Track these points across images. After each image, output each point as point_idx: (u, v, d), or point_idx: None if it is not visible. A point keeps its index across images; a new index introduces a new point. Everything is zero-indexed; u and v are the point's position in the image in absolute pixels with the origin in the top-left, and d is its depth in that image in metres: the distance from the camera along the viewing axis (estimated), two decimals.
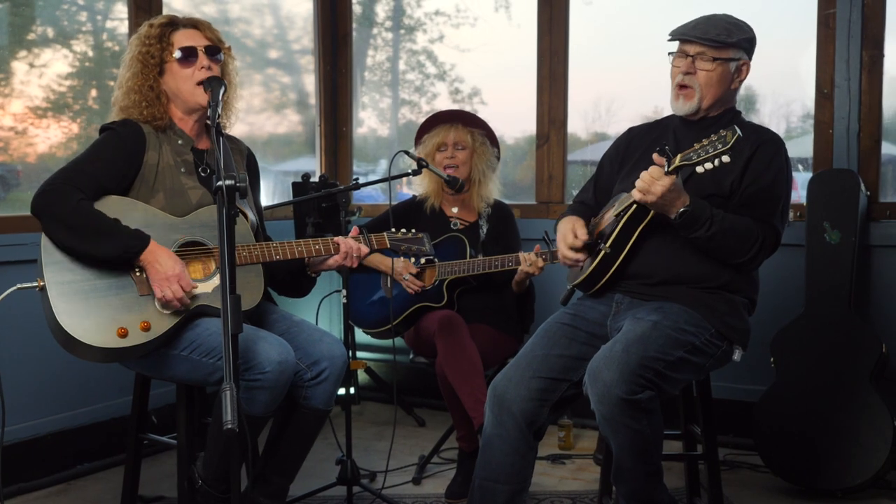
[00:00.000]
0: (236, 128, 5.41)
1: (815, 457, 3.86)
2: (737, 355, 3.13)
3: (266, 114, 5.78)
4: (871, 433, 3.79)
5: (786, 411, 3.95)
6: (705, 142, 2.82)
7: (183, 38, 3.12)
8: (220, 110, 2.80)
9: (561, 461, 4.37)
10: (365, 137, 6.06)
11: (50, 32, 4.48)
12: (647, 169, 2.97)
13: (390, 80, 6.05)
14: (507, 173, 5.64)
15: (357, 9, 5.96)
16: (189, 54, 3.09)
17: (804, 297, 4.08)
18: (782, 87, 4.80)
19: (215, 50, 3.15)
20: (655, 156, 2.93)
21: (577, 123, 5.31)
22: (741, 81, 3.22)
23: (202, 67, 3.09)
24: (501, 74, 5.58)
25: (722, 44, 3.10)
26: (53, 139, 4.48)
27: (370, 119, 6.11)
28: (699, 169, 2.84)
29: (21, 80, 4.32)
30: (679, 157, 2.86)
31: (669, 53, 3.23)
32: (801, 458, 3.89)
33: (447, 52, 5.81)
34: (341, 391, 3.83)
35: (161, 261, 2.88)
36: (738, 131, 2.76)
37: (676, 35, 3.19)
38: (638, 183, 2.93)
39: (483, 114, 5.63)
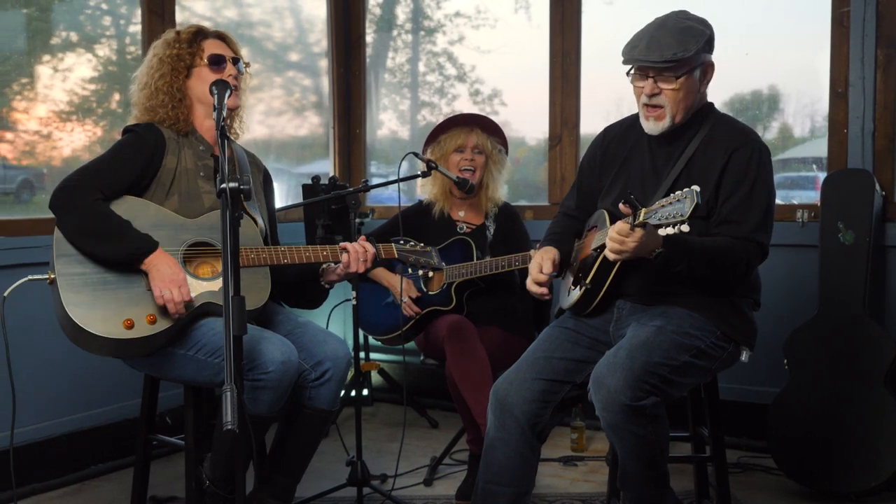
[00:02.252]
0: (256, 130, 5.50)
1: (829, 459, 3.83)
2: (744, 356, 3.10)
3: (286, 116, 5.81)
4: (885, 435, 3.75)
5: (799, 413, 3.92)
6: (665, 202, 2.66)
7: (213, 46, 3.25)
8: (225, 113, 2.83)
9: (573, 463, 4.36)
10: (385, 139, 6.07)
11: (73, 37, 4.53)
12: (624, 188, 2.94)
13: (410, 82, 6.06)
14: (528, 175, 5.64)
15: (377, 11, 5.98)
16: (219, 61, 3.23)
17: (818, 299, 4.04)
18: (806, 87, 4.75)
19: (237, 61, 3.28)
20: (622, 205, 2.79)
21: (600, 124, 5.26)
22: (708, 82, 3.10)
23: (230, 75, 3.21)
24: (521, 75, 5.57)
25: (680, 61, 2.95)
26: (77, 143, 4.54)
27: (390, 121, 6.13)
28: (660, 231, 2.70)
29: (45, 84, 4.38)
30: (643, 212, 2.71)
31: (628, 73, 3.07)
32: (814, 461, 3.86)
33: (467, 54, 5.81)
34: (352, 392, 3.85)
35: (165, 265, 2.93)
36: (697, 198, 2.57)
37: (630, 61, 3.03)
38: (609, 244, 2.81)
39: (503, 115, 5.67)
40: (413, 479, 4.14)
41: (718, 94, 3.17)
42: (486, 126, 4.32)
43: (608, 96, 5.17)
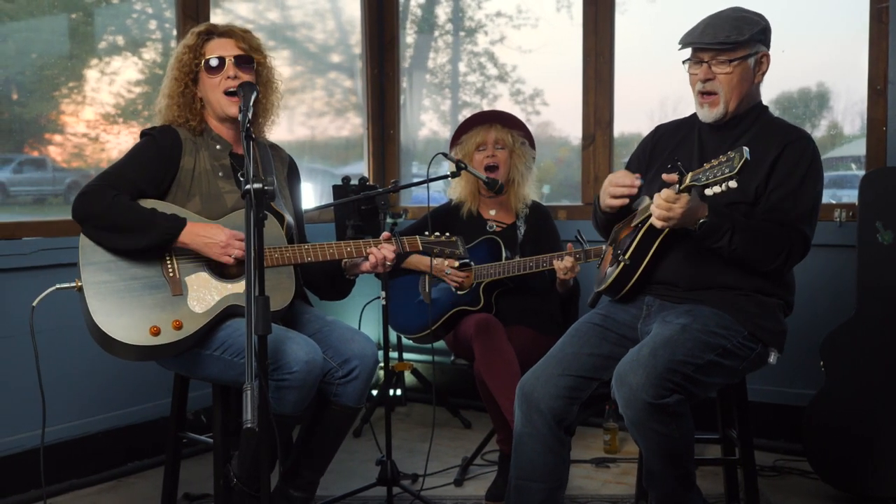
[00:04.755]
0: (298, 131, 5.54)
1: (867, 463, 3.75)
2: (772, 358, 3.06)
3: (328, 117, 5.85)
4: None
5: (836, 416, 3.84)
6: (715, 162, 2.71)
7: (215, 48, 3.22)
8: (250, 115, 2.84)
9: (605, 465, 4.34)
10: (425, 140, 6.09)
11: (120, 41, 4.61)
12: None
13: (451, 82, 6.07)
14: (571, 174, 5.60)
15: (417, 12, 5.99)
16: (216, 64, 3.18)
17: (855, 299, 3.95)
18: (856, 85, 4.66)
19: (247, 59, 3.22)
20: (665, 175, 2.85)
21: (643, 123, 5.26)
22: (763, 74, 3.12)
23: (228, 77, 3.17)
24: (564, 75, 5.53)
25: (734, 44, 3.00)
26: (124, 145, 4.61)
27: (431, 121, 6.14)
28: (707, 192, 2.73)
29: (92, 87, 4.46)
30: (689, 176, 2.77)
31: (684, 62, 3.15)
32: (851, 465, 3.78)
33: (508, 54, 5.80)
34: (383, 392, 3.86)
35: (208, 234, 2.98)
36: (747, 154, 2.61)
37: (686, 43, 3.10)
38: (655, 210, 2.84)
39: (545, 115, 5.65)
40: (444, 479, 4.14)
41: (763, 91, 3.17)
42: (505, 121, 4.33)
43: (651, 95, 5.13)
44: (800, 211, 2.99)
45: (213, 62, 3.18)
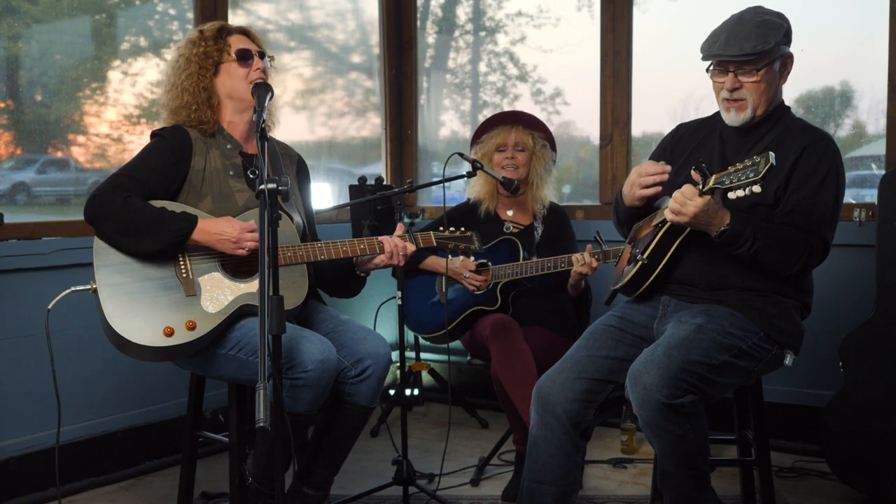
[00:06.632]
0: (318, 131, 5.56)
1: (886, 464, 3.71)
2: (788, 360, 3.04)
3: (349, 117, 5.86)
4: None
5: (855, 417, 3.80)
6: (739, 166, 2.72)
7: (238, 42, 3.27)
8: (265, 115, 2.86)
9: (623, 465, 4.31)
10: (446, 140, 6.09)
11: (142, 42, 4.64)
12: (689, 176, 2.91)
13: (471, 82, 6.06)
14: (592, 174, 5.59)
15: (438, 12, 5.99)
16: (246, 56, 3.24)
17: (875, 300, 3.91)
18: (880, 83, 4.62)
19: (263, 55, 3.29)
20: (693, 172, 2.86)
21: (665, 122, 5.22)
22: (788, 73, 3.10)
23: (257, 69, 3.23)
24: (585, 74, 5.51)
25: (760, 54, 2.97)
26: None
27: (452, 121, 6.13)
28: (731, 195, 2.74)
29: (115, 88, 4.49)
30: (713, 178, 2.78)
31: (707, 69, 3.11)
32: (871, 466, 3.75)
33: (529, 53, 5.78)
34: (399, 392, 3.86)
35: (219, 230, 2.99)
36: (772, 159, 2.62)
37: (710, 56, 3.05)
38: (671, 202, 2.85)
39: (566, 114, 5.63)
40: (460, 479, 4.14)
41: (786, 91, 3.16)
42: (527, 122, 4.33)
43: (673, 94, 5.11)
44: (818, 215, 2.97)
45: (243, 54, 3.24)
